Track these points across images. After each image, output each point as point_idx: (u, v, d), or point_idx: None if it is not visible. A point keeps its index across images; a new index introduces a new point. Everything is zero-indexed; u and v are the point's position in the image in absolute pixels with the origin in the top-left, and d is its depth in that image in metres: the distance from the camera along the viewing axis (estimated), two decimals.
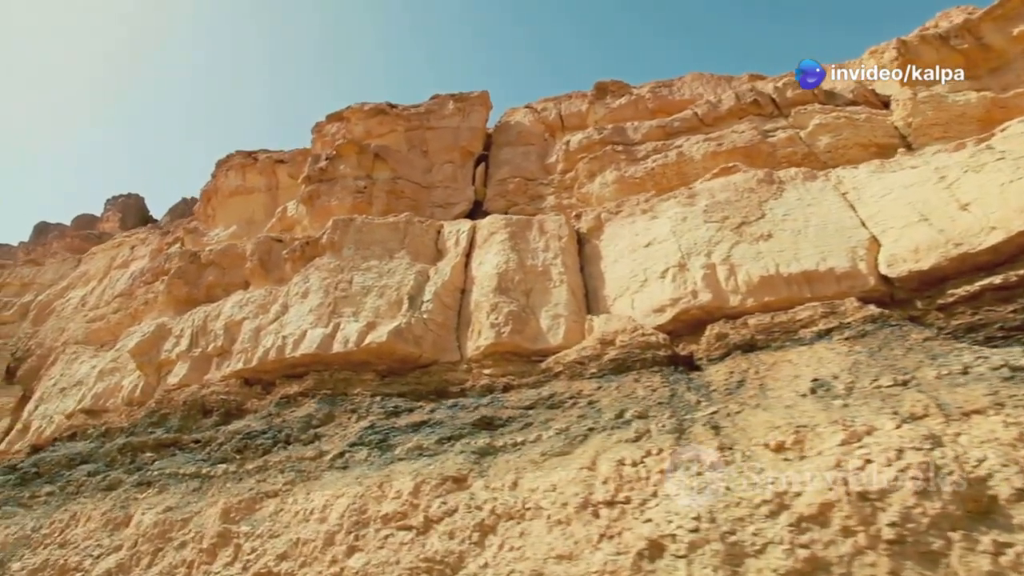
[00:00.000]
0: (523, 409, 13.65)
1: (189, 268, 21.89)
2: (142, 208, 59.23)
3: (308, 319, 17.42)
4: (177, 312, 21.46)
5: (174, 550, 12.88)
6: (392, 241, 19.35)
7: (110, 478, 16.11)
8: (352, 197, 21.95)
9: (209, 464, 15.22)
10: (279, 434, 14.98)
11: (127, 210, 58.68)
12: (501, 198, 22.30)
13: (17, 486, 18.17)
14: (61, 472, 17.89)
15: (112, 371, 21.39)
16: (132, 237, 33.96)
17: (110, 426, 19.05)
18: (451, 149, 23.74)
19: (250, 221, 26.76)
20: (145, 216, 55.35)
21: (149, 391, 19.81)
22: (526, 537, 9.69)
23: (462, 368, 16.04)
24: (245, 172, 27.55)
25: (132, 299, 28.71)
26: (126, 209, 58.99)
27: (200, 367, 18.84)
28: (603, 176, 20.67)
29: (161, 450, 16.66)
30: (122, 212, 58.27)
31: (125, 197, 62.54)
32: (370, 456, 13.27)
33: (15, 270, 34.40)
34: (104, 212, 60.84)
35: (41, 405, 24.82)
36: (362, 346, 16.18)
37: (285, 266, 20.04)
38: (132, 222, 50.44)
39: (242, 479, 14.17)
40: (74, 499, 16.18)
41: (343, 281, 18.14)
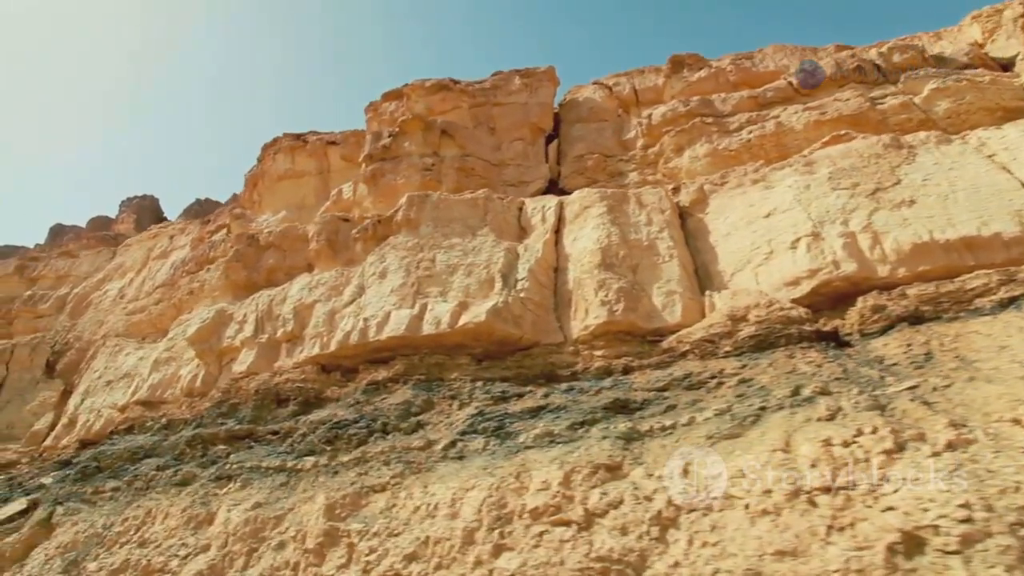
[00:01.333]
0: (656, 391, 12.21)
1: (247, 251, 20.55)
2: (156, 210, 58.26)
3: (390, 300, 16.04)
4: (236, 297, 20.11)
5: (272, 550, 11.45)
6: (472, 218, 17.96)
7: (183, 472, 14.72)
8: (420, 175, 20.58)
9: (295, 457, 13.81)
10: (373, 423, 13.57)
11: (142, 211, 57.73)
12: (579, 175, 20.90)
13: (78, 481, 16.81)
14: (124, 466, 16.51)
15: (168, 361, 20.04)
16: (169, 227, 32.69)
17: (171, 418, 17.68)
18: (520, 126, 22.38)
19: (300, 206, 25.41)
20: (159, 217, 54.28)
21: (211, 381, 18.45)
22: (721, 531, 8.24)
23: (567, 350, 14.61)
24: (294, 155, 26.22)
25: (175, 289, 27.37)
26: (141, 210, 57.99)
27: (268, 354, 17.47)
28: (693, 149, 19.26)
29: (235, 442, 15.26)
30: (137, 213, 57.26)
31: (140, 199, 61.61)
32: (489, 445, 11.84)
33: (49, 262, 33.17)
34: (119, 214, 59.85)
35: (87, 399, 23.49)
36: (457, 327, 14.78)
37: (355, 246, 18.67)
38: (147, 223, 49.38)
39: (338, 472, 12.75)
40: (145, 495, 14.79)
41: (425, 260, 16.76)
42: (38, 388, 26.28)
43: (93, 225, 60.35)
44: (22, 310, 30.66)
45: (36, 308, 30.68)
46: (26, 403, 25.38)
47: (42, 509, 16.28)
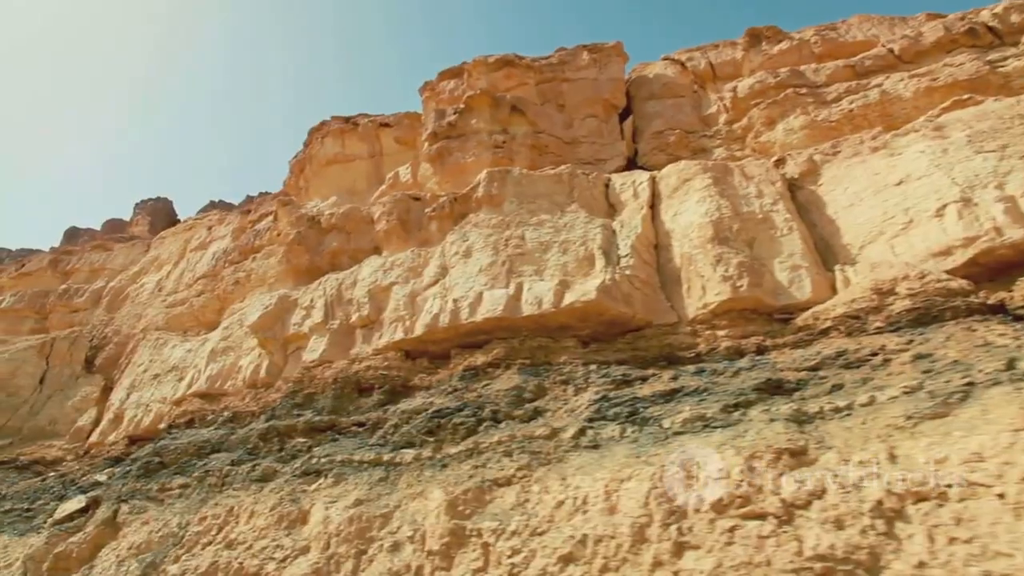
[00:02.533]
0: (808, 371, 10.89)
1: (309, 234, 19.35)
2: (170, 212, 57.51)
3: (480, 280, 14.78)
4: (297, 283, 18.89)
5: (386, 553, 10.17)
6: (558, 194, 16.70)
7: (262, 467, 13.46)
8: (490, 153, 19.35)
9: (391, 450, 12.54)
10: (480, 411, 12.28)
11: (156, 214, 57.02)
12: (659, 152, 19.63)
13: (141, 478, 15.60)
14: (190, 462, 15.29)
15: (225, 351, 18.81)
16: (206, 219, 31.57)
17: (237, 410, 16.45)
18: (592, 102, 21.13)
19: (351, 191, 24.25)
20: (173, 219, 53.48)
21: (275, 371, 17.21)
22: (972, 525, 6.91)
23: (683, 330, 13.32)
24: (344, 138, 25.06)
25: (217, 280, 26.22)
26: (155, 213, 57.25)
27: (341, 341, 16.22)
28: (787, 122, 17.96)
29: (315, 435, 14.00)
30: (151, 216, 56.51)
31: (154, 201, 60.92)
32: (627, 432, 10.54)
33: (83, 256, 32.08)
34: (133, 216, 59.10)
35: (133, 393, 22.29)
36: (562, 307, 13.51)
37: (430, 225, 17.43)
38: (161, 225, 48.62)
39: (447, 465, 11.46)
40: (221, 492, 13.54)
41: (513, 237, 15.50)
42: (78, 383, 25.11)
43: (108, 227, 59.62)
44: (57, 304, 29.56)
45: (71, 302, 29.57)
46: (68, 399, 24.21)
47: (105, 507, 15.07)
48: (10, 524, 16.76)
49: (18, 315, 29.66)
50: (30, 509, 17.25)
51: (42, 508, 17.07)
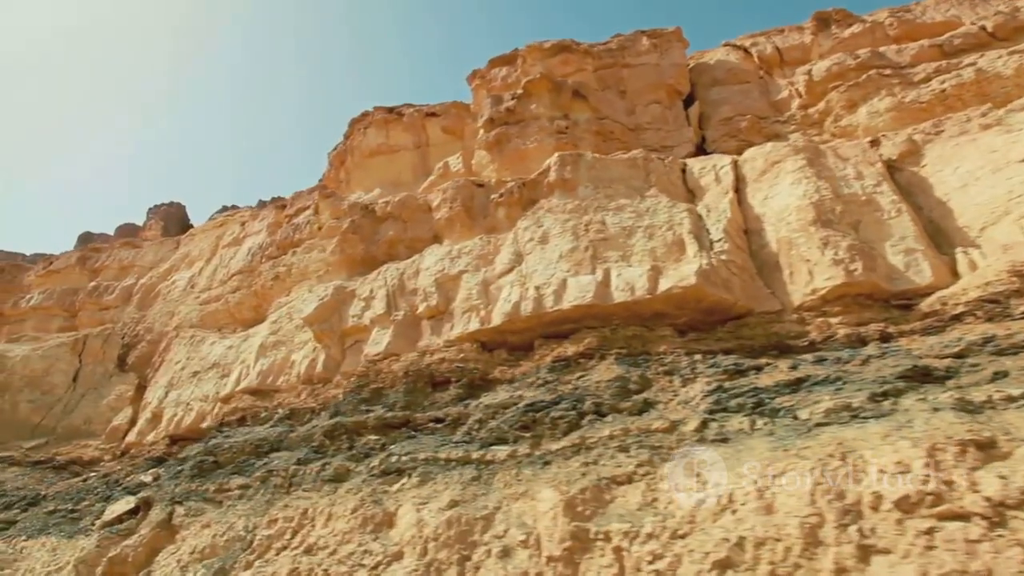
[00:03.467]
0: (954, 358, 9.87)
1: (363, 223, 18.43)
2: (183, 217, 57.07)
3: (561, 267, 13.83)
4: (352, 274, 17.96)
5: (495, 558, 9.14)
6: (635, 179, 15.78)
7: (333, 467, 12.45)
8: (553, 139, 18.45)
9: (479, 447, 11.53)
10: (580, 404, 11.27)
11: (169, 218, 56.63)
12: (731, 138, 18.72)
13: (195, 478, 14.62)
14: (248, 461, 14.31)
15: (275, 346, 17.86)
16: (237, 214, 30.75)
17: (294, 407, 15.49)
18: (655, 88, 20.25)
19: (396, 183, 23.36)
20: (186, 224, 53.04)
21: (332, 365, 16.24)
22: None
23: (789, 318, 12.32)
24: (388, 129, 24.22)
25: (254, 276, 25.33)
26: (168, 217, 56.81)
27: (407, 333, 15.27)
28: (871, 104, 17.01)
29: (388, 432, 13.02)
30: (164, 220, 56.03)
31: (167, 206, 60.51)
32: (758, 423, 9.51)
33: (112, 253, 31.28)
34: (147, 221, 58.63)
35: (171, 392, 21.36)
36: (658, 293, 12.54)
37: (496, 212, 16.49)
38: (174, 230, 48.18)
39: (551, 462, 10.45)
40: (288, 493, 12.55)
41: (593, 222, 14.57)
42: (112, 382, 24.22)
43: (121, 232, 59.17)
44: (87, 302, 28.73)
45: (101, 300, 28.73)
46: (102, 397, 23.30)
47: (159, 509, 14.09)
48: (55, 525, 15.79)
49: (47, 313, 28.85)
50: (75, 510, 16.29)
51: (87, 509, 16.09)
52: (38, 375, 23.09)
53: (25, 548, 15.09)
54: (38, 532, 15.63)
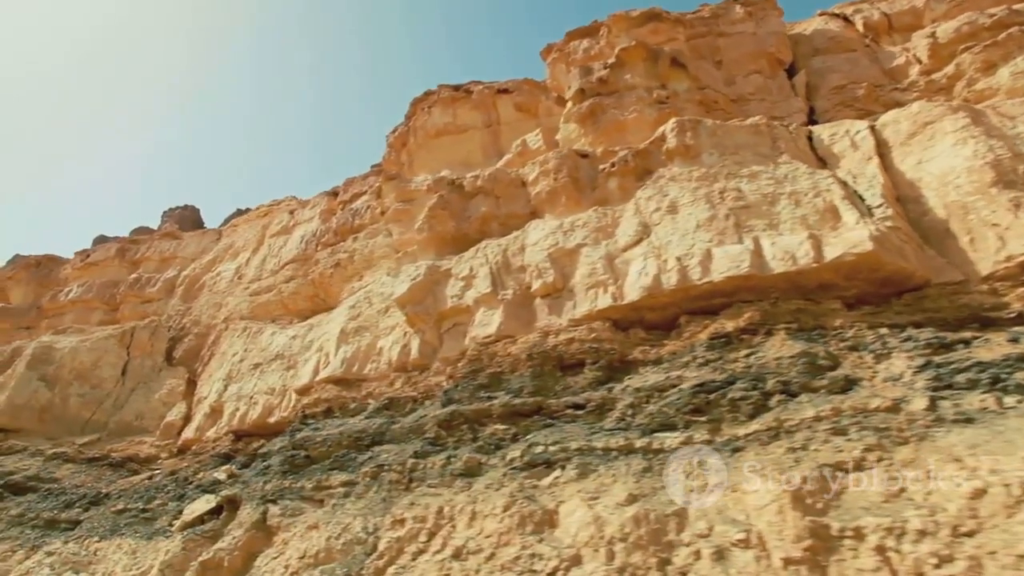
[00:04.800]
0: None
1: (452, 199, 17.02)
2: (198, 219, 56.02)
3: (701, 236, 12.41)
4: (441, 253, 16.53)
5: (710, 561, 7.65)
6: (761, 146, 14.37)
7: (462, 460, 10.99)
8: (654, 109, 17.04)
9: (640, 434, 10.07)
10: (760, 384, 9.80)
11: (183, 221, 55.56)
12: (846, 107, 17.32)
13: (287, 475, 13.18)
14: (349, 455, 12.87)
15: (357, 332, 16.42)
16: (283, 203, 29.39)
17: (392, 396, 14.05)
18: (755, 57, 18.91)
19: (464, 164, 21.94)
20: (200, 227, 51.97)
21: (429, 350, 14.81)
22: None
23: (979, 289, 10.85)
24: (455, 108, 22.86)
25: (309, 264, 23.96)
26: (183, 220, 55.72)
27: (518, 313, 13.82)
28: (1014, 64, 15.55)
29: (517, 420, 11.55)
30: (179, 223, 54.84)
31: (181, 209, 59.52)
32: (1007, 401, 8.06)
33: (152, 244, 29.93)
34: (161, 224, 57.48)
35: (231, 385, 19.96)
36: (825, 261, 11.09)
37: (607, 183, 15.08)
38: None
39: (742, 449, 9.00)
40: (409, 490, 11.10)
41: (728, 190, 13.15)
42: (161, 376, 22.83)
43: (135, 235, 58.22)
44: (128, 294, 27.34)
45: (143, 292, 27.35)
46: (152, 392, 21.91)
47: (249, 509, 12.64)
48: (128, 526, 14.35)
49: (87, 306, 27.47)
50: (147, 510, 14.85)
51: (161, 509, 14.65)
52: (87, 368, 21.70)
53: (99, 550, 13.66)
54: (110, 533, 14.20)
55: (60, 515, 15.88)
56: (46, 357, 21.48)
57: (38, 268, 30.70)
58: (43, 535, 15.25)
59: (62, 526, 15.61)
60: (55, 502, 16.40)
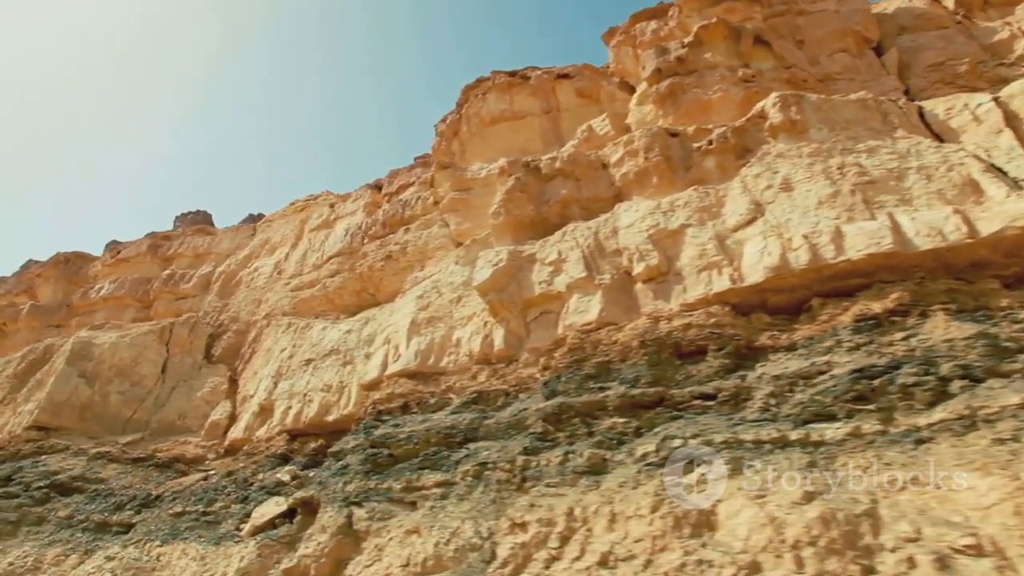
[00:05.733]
0: None
1: (530, 181, 15.99)
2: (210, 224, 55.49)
3: (826, 213, 11.36)
4: (517, 239, 15.47)
5: (936, 571, 6.52)
6: (872, 121, 13.36)
7: (584, 456, 9.89)
8: (740, 88, 16.05)
9: (794, 425, 8.98)
10: (932, 368, 8.68)
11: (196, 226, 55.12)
12: (946, 85, 16.32)
13: (370, 474, 12.08)
14: (440, 453, 11.77)
15: (429, 323, 15.35)
16: (320, 197, 28.37)
17: (480, 389, 12.95)
18: (840, 36, 17.96)
19: (523, 151, 20.93)
20: None
21: (515, 341, 13.74)
22: None
23: None
24: (512, 94, 21.92)
25: (356, 258, 22.93)
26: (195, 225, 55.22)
27: (618, 298, 12.75)
28: None
29: (638, 412, 10.46)
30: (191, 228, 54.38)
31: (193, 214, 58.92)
32: None
33: (185, 240, 28.97)
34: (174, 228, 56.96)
35: (281, 382, 18.89)
36: (983, 237, 10.03)
37: (704, 162, 14.07)
38: None
39: (933, 440, 7.87)
40: (523, 490, 10.00)
41: (848, 165, 12.11)
42: (202, 373, 21.78)
43: None
44: (162, 291, 26.35)
45: (177, 288, 26.36)
46: (193, 390, 20.85)
47: (332, 512, 11.52)
48: (189, 529, 13.24)
49: (119, 303, 26.51)
50: (208, 512, 13.73)
51: (224, 512, 13.53)
52: (127, 365, 20.64)
53: (162, 555, 12.55)
54: (171, 537, 13.09)
55: (111, 517, 14.79)
56: (85, 353, 20.44)
57: (67, 265, 29.79)
58: (95, 538, 14.16)
59: (114, 529, 14.51)
60: (104, 504, 15.30)
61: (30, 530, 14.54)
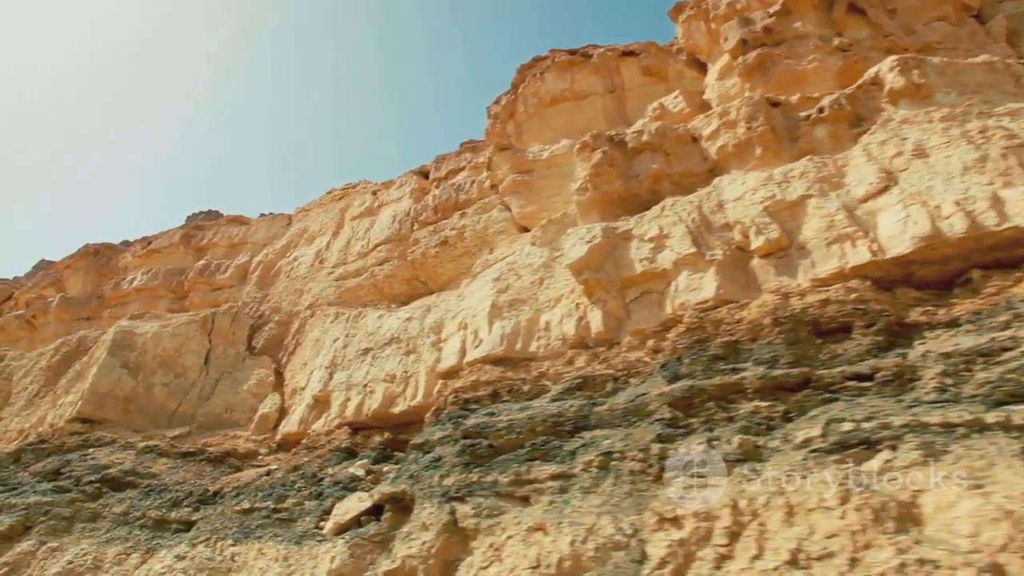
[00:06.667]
0: None
1: (616, 156, 14.96)
2: None
3: (975, 180, 10.32)
4: (604, 216, 14.43)
5: None
6: (1004, 84, 12.41)
7: (735, 444, 8.81)
8: (838, 58, 15.03)
9: (987, 407, 7.90)
10: None
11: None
12: None
13: (469, 467, 11.01)
14: (551, 442, 10.72)
15: (512, 306, 14.28)
16: (359, 186, 27.35)
17: (585, 375, 11.88)
18: (938, 3, 16.90)
19: (585, 131, 19.64)
20: None
21: (614, 322, 12.69)
22: None
23: None
24: (572, 73, 20.91)
25: (406, 244, 21.94)
26: None
27: (733, 275, 11.71)
28: None
29: (780, 395, 9.41)
30: None
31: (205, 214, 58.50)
32: None
33: (219, 230, 27.95)
34: None
35: (337, 373, 17.86)
36: None
37: (814, 131, 13.05)
38: None
39: None
40: (662, 481, 8.92)
41: (990, 129, 11.06)
42: (246, 365, 20.77)
43: None
44: (197, 281, 25.36)
45: (213, 279, 25.37)
46: (239, 382, 19.82)
47: (432, 508, 10.47)
48: (260, 527, 12.17)
49: (152, 294, 25.52)
50: (279, 509, 12.66)
51: (299, 510, 12.46)
52: (170, 356, 19.61)
53: (236, 554, 11.49)
54: (242, 535, 12.04)
55: (169, 514, 13.74)
56: (127, 343, 19.40)
57: (96, 257, 28.83)
58: (154, 536, 13.11)
59: (173, 526, 13.46)
60: (160, 500, 14.25)
61: (85, 527, 13.48)
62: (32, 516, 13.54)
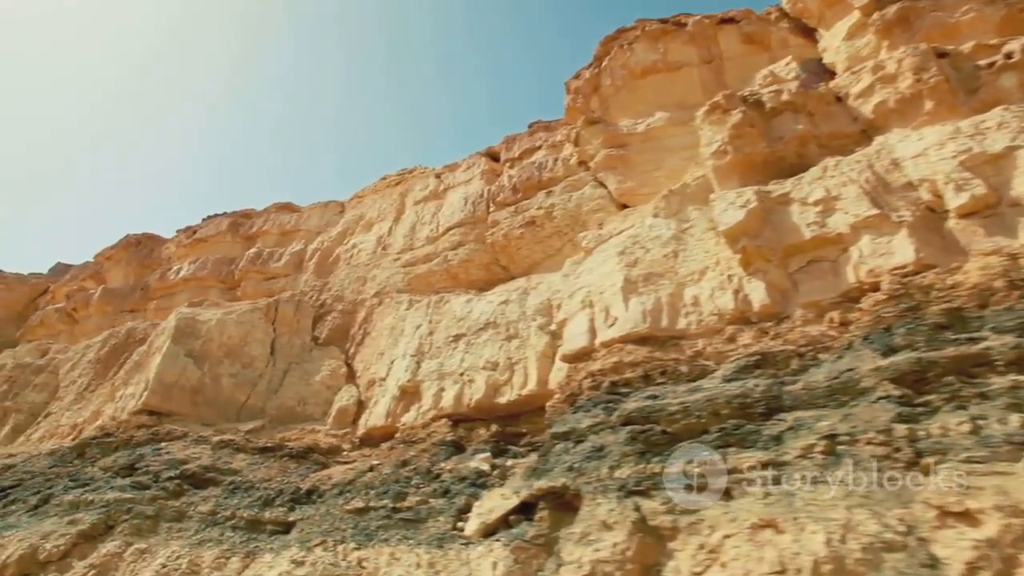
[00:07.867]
0: None
1: (756, 117, 13.50)
2: None
3: None
4: (743, 181, 12.95)
5: None
6: None
7: (1019, 424, 7.30)
8: (998, 8, 13.60)
9: None
10: None
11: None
12: None
13: (645, 457, 9.49)
14: (742, 426, 9.26)
15: (648, 280, 12.74)
16: (415, 172, 25.93)
17: (763, 351, 10.36)
18: None
19: (681, 105, 18.49)
20: None
21: (778, 294, 11.21)
22: None
23: None
24: (665, 43, 19.49)
25: (483, 226, 20.50)
26: None
27: (927, 238, 10.21)
28: None
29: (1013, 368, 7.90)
30: None
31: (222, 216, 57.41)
32: None
33: (269, 217, 26.49)
34: None
35: (425, 362, 16.38)
36: None
37: (997, 80, 11.62)
38: None
39: None
40: (929, 469, 7.39)
41: None
42: (313, 356, 19.29)
43: None
44: (249, 270, 23.93)
45: (266, 267, 23.92)
46: (308, 373, 18.33)
47: (611, 505, 8.98)
48: (383, 528, 10.62)
49: (201, 284, 24.11)
50: (399, 508, 11.12)
51: (426, 509, 10.91)
52: (236, 344, 18.14)
53: (363, 559, 9.93)
54: (365, 538, 10.51)
55: (262, 514, 12.22)
56: (191, 330, 17.93)
57: (138, 247, 27.44)
58: (249, 538, 11.58)
59: (269, 528, 11.93)
60: (248, 498, 12.73)
61: (171, 527, 11.97)
62: (113, 514, 12.03)
